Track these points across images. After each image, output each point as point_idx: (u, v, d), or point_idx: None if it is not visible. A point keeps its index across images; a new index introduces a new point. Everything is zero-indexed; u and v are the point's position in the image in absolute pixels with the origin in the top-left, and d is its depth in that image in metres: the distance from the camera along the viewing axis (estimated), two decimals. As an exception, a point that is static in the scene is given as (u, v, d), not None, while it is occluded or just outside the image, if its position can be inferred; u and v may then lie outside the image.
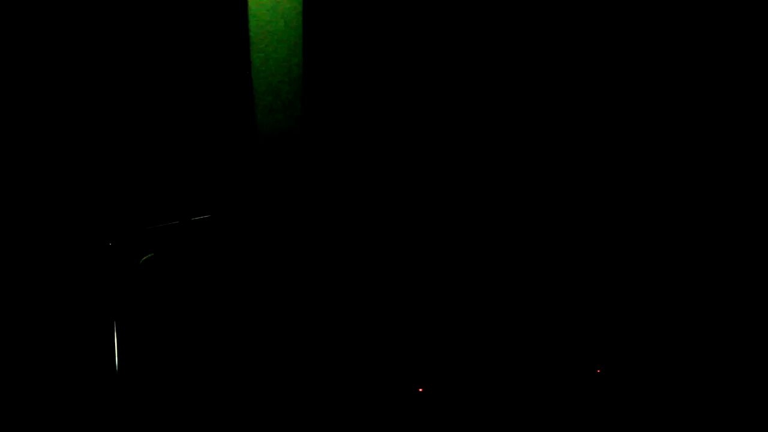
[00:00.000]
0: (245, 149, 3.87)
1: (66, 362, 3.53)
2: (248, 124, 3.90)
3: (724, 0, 3.75)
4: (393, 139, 3.97)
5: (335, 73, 3.93)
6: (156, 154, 3.82)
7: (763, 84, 3.73)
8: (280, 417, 2.97)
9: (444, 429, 2.95)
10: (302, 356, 3.69)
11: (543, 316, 3.31)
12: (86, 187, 3.72)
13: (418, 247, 3.37)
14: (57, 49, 3.68)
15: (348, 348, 3.66)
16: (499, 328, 3.19)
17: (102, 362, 3.27)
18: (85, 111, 3.74)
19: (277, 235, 3.91)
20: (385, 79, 3.94)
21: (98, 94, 3.75)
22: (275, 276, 3.43)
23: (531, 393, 3.13)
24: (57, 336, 3.59)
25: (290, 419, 2.97)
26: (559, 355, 3.35)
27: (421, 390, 3.08)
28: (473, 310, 3.20)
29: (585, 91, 3.93)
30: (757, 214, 3.71)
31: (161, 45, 3.78)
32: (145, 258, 3.18)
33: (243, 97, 3.88)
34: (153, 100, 3.82)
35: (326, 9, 3.89)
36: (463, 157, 3.90)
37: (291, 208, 3.85)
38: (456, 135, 3.98)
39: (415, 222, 3.59)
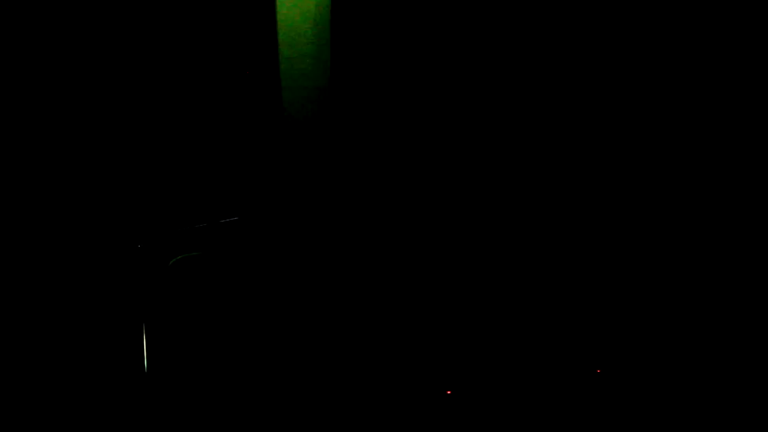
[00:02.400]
0: (271, 147, 3.88)
1: (95, 363, 3.57)
2: (275, 122, 3.94)
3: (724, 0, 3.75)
4: (419, 128, 3.96)
5: (363, 62, 3.91)
6: (183, 156, 3.87)
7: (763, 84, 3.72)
8: (304, 418, 3.04)
9: (444, 427, 2.99)
10: (327, 359, 3.71)
11: (543, 316, 3.35)
12: (115, 188, 3.77)
13: (430, 241, 3.39)
14: (86, 50, 3.73)
15: (369, 348, 3.70)
16: (499, 328, 3.24)
17: (131, 363, 3.32)
18: (112, 112, 3.79)
19: (300, 236, 3.94)
20: (411, 72, 3.93)
21: (124, 94, 3.80)
22: (301, 278, 3.46)
23: (531, 393, 3.14)
24: (86, 337, 3.63)
25: (314, 420, 3.05)
26: (559, 355, 3.35)
27: (449, 392, 3.12)
28: (475, 310, 3.26)
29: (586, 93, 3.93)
30: (757, 214, 3.71)
31: (188, 44, 3.83)
32: (174, 260, 3.23)
33: (270, 97, 3.91)
34: (180, 99, 3.86)
35: (354, 4, 3.90)
36: (467, 156, 3.90)
37: (314, 209, 3.89)
38: (465, 135, 4.00)
39: (423, 219, 3.61)
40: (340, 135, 3.98)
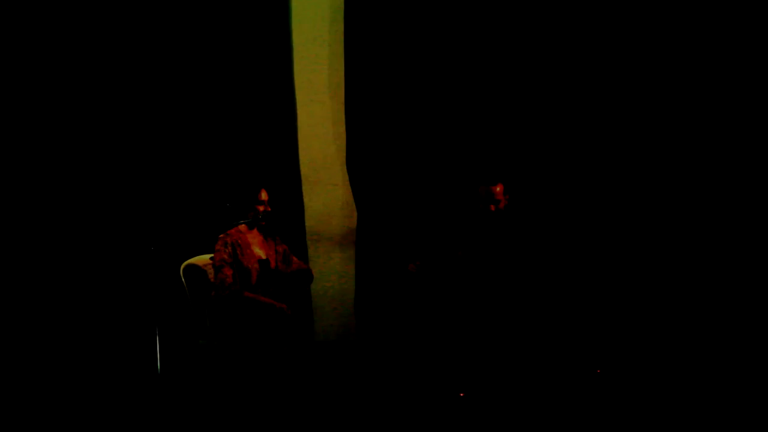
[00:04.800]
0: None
1: (109, 362, 3.60)
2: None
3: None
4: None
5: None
6: (196, 159, 3.85)
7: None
8: (314, 418, 3.07)
9: (443, 426, 3.03)
10: (338, 360, 3.74)
11: (544, 317, 3.36)
12: (129, 192, 3.76)
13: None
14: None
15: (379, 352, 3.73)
16: (500, 329, 3.27)
17: (144, 363, 3.31)
18: (129, 121, 3.82)
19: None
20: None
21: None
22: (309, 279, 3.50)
23: (532, 393, 3.17)
24: (100, 337, 3.66)
25: (325, 421, 3.08)
26: (559, 356, 3.36)
27: (462, 395, 3.18)
28: (477, 311, 3.29)
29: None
30: (756, 215, 3.73)
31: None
32: (186, 262, 3.26)
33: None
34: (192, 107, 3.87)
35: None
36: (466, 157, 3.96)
37: None
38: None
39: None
40: None
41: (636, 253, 3.84)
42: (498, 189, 3.42)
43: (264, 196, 3.26)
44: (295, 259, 3.41)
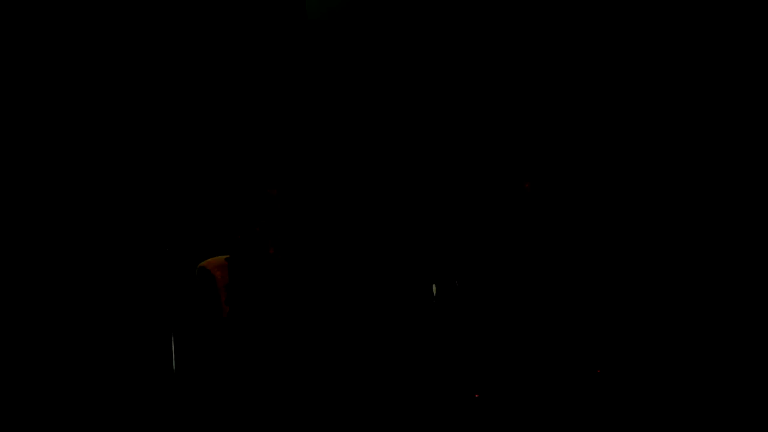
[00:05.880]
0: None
1: (124, 363, 3.63)
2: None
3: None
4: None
5: None
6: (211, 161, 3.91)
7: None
8: (328, 420, 3.11)
9: (444, 426, 3.07)
10: (353, 363, 3.76)
11: (544, 317, 3.37)
12: (144, 193, 3.84)
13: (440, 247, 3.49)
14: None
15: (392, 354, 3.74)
16: (500, 329, 3.30)
17: (159, 364, 3.42)
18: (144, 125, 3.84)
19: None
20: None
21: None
22: (318, 281, 3.51)
23: (532, 392, 3.18)
24: (115, 338, 3.69)
25: (341, 422, 3.12)
26: (560, 355, 3.37)
27: (477, 396, 3.19)
28: (476, 310, 3.33)
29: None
30: (756, 215, 3.69)
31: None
32: (202, 264, 3.29)
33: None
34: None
35: None
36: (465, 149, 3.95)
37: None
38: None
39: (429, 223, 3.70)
40: None
41: (635, 255, 3.80)
42: (526, 187, 3.45)
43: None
44: None
